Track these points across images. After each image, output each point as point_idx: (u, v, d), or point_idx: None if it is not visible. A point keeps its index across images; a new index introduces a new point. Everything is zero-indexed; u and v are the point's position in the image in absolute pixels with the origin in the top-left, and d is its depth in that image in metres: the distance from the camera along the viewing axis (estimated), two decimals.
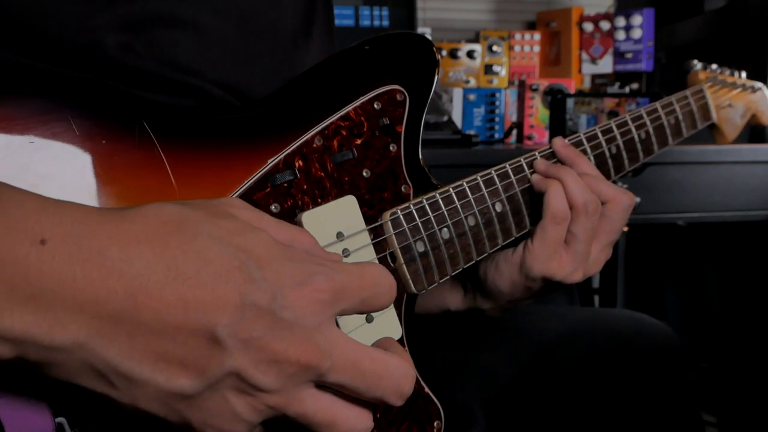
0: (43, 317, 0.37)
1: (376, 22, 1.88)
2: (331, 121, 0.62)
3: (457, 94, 1.76)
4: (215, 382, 0.40)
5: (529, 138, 1.72)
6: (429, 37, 2.02)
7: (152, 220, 0.40)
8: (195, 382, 0.39)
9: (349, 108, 0.64)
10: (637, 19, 1.98)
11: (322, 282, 0.41)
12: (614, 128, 0.83)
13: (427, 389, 0.64)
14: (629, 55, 1.99)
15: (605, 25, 2.01)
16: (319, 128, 0.61)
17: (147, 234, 0.39)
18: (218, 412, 0.41)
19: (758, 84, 1.13)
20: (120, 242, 0.38)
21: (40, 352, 0.38)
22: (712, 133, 1.06)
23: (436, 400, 0.64)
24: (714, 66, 1.07)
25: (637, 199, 1.41)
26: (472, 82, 1.98)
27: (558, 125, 1.54)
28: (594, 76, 2.13)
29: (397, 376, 0.44)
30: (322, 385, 0.43)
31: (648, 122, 0.87)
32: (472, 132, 1.66)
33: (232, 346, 0.39)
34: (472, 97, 1.76)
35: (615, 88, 1.91)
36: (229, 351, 0.39)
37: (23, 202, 0.39)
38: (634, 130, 0.85)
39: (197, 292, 0.38)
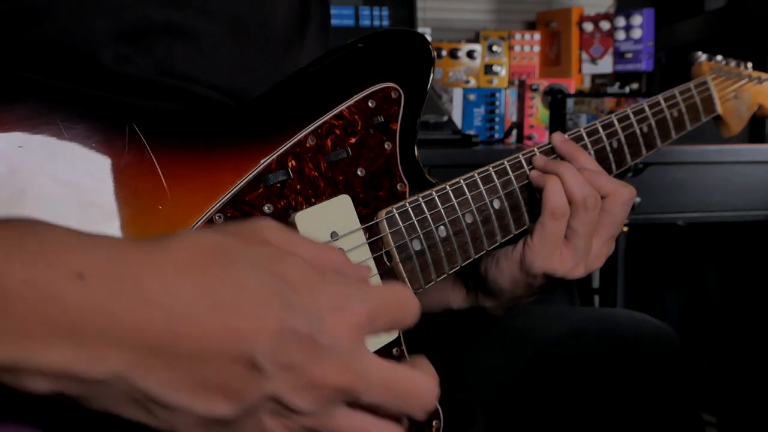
0: (83, 351, 0.37)
1: (376, 22, 1.87)
2: (324, 120, 0.62)
3: (457, 94, 1.75)
4: (253, 406, 0.40)
5: (529, 138, 1.72)
6: (429, 37, 2.01)
7: (190, 248, 0.40)
8: (234, 408, 0.40)
9: (343, 106, 0.63)
10: (637, 19, 1.97)
11: (359, 306, 0.42)
12: (615, 122, 0.82)
13: None
14: (629, 55, 1.99)
15: (605, 25, 2.01)
16: (312, 127, 0.61)
17: (185, 263, 0.39)
18: None
19: (765, 75, 1.10)
20: (159, 273, 0.39)
21: (79, 385, 0.38)
22: (717, 125, 1.03)
23: None
24: (719, 57, 1.04)
25: (637, 199, 1.40)
26: (472, 82, 1.98)
27: (558, 125, 1.54)
28: (594, 76, 2.12)
29: (425, 394, 0.45)
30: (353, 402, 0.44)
31: (650, 116, 0.86)
32: (472, 132, 1.66)
33: (271, 371, 0.39)
34: (472, 97, 1.76)
35: (615, 88, 1.90)
36: (267, 376, 0.39)
37: (60, 237, 0.39)
38: (635, 124, 0.84)
39: (236, 320, 0.39)
